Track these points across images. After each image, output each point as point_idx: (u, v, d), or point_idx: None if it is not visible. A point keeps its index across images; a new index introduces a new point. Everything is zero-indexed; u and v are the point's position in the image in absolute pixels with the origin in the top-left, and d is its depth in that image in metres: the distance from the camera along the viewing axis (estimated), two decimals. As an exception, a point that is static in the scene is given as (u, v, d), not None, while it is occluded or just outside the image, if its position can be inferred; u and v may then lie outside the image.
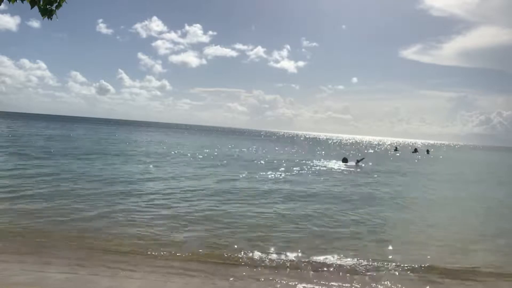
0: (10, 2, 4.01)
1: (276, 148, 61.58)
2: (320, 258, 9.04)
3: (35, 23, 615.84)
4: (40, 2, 4.09)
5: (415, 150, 77.79)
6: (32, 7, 4.10)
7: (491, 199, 20.99)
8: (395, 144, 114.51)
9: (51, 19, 4.19)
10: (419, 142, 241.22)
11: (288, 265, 8.59)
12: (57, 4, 4.17)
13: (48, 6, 4.13)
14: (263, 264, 8.54)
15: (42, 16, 4.12)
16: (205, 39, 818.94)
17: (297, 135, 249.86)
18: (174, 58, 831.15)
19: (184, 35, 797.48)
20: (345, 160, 38.17)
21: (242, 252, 9.15)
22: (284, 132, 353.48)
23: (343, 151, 63.21)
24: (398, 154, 67.72)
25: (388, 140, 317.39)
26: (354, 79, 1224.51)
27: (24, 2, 4.02)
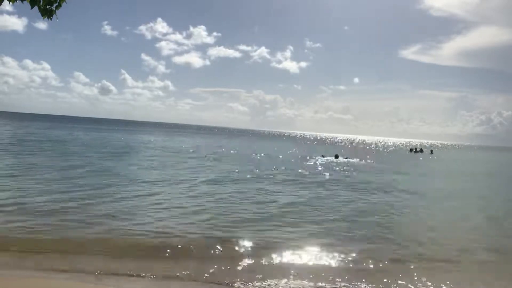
0: (10, 3, 4.02)
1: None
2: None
3: (42, 25, 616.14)
4: (40, 2, 4.10)
5: (420, 150, 78.01)
6: (32, 7, 4.11)
7: None
8: (418, 145, 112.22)
9: (51, 19, 4.20)
10: (418, 142, 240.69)
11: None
12: (57, 4, 4.19)
13: (48, 6, 4.14)
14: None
15: (42, 16, 4.13)
16: (209, 40, 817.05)
17: (314, 135, 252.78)
18: (178, 59, 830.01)
19: (188, 36, 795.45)
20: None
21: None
22: (299, 133, 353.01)
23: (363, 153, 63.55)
24: (434, 155, 68.35)
25: (390, 140, 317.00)
26: (356, 80, 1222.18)
27: (24, 2, 4.03)
